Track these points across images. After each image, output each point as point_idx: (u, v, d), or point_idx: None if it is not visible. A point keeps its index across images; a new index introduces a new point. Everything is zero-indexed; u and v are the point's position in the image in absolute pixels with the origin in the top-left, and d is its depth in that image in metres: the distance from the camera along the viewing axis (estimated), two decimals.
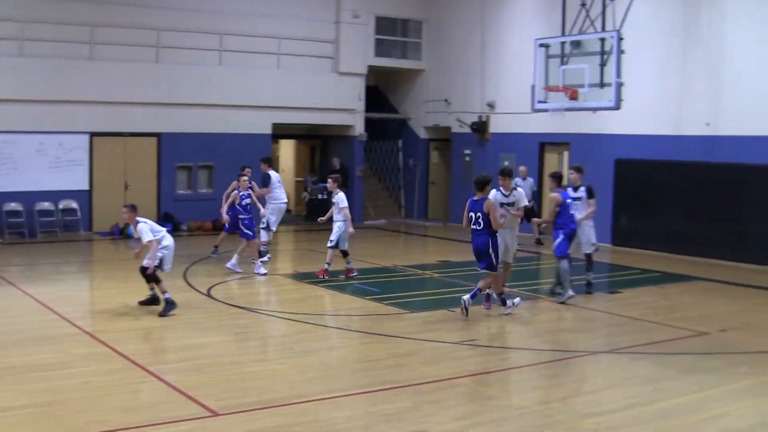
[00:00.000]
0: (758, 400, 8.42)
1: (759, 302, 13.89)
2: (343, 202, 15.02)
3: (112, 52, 21.20)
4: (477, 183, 12.15)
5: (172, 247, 12.16)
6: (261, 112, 23.32)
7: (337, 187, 15.20)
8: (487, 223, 11.81)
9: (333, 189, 15.27)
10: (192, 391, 8.27)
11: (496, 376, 9.27)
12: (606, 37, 15.94)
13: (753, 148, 17.51)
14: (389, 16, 25.83)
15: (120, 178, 21.52)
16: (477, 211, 11.95)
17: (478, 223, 11.95)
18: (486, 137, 24.10)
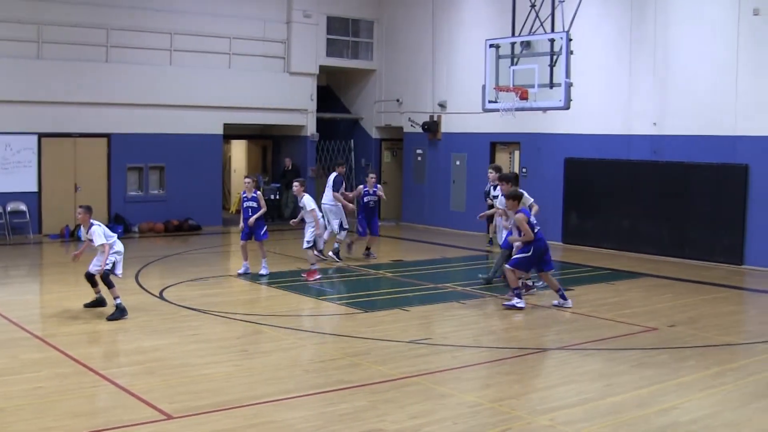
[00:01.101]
0: (706, 393, 8.59)
1: (704, 297, 14.18)
2: (309, 206, 14.98)
3: (61, 51, 20.89)
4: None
5: (123, 252, 12.06)
6: (212, 112, 23.18)
7: (303, 191, 15.16)
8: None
9: (299, 193, 15.21)
10: (145, 394, 8.20)
11: (450, 374, 9.33)
12: (555, 38, 16.11)
13: (697, 148, 17.87)
14: (340, 16, 25.82)
15: (70, 179, 21.22)
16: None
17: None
18: (437, 137, 24.23)
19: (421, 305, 13.28)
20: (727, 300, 14.18)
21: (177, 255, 18.30)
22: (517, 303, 12.64)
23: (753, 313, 13.65)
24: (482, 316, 12.69)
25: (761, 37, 16.74)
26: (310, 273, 15.00)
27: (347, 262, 17.37)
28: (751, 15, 16.81)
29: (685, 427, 7.55)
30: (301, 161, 25.57)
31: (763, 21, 16.65)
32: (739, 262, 17.26)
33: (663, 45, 18.44)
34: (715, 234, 17.65)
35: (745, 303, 14.64)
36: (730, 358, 10.25)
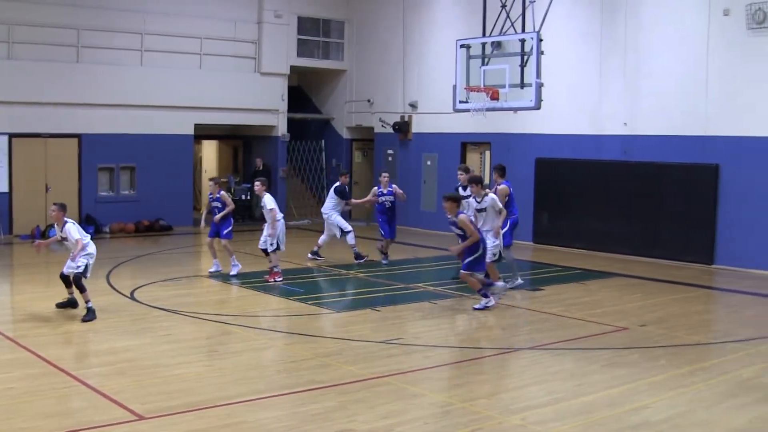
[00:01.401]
0: (676, 392, 8.65)
1: (674, 297, 14.28)
2: (269, 205, 14.90)
3: (31, 52, 20.68)
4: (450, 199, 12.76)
5: (95, 254, 11.95)
6: (183, 112, 23.05)
7: (265, 190, 15.08)
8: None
9: (260, 192, 15.14)
10: (116, 395, 8.13)
11: (421, 374, 9.33)
12: (526, 38, 16.16)
13: (668, 148, 18.02)
14: (311, 16, 25.77)
15: (40, 179, 21.00)
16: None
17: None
18: (408, 137, 24.24)
19: (392, 305, 13.28)
20: (697, 299, 14.31)
21: (148, 255, 18.16)
22: (487, 303, 12.65)
23: (723, 313, 13.77)
24: (454, 316, 12.70)
25: (731, 38, 16.90)
26: (273, 274, 14.90)
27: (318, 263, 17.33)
28: (722, 15, 16.97)
29: (657, 426, 7.60)
30: (272, 161, 25.49)
31: (733, 22, 16.81)
32: (710, 261, 17.41)
33: (634, 45, 18.58)
34: (685, 234, 17.78)
35: (715, 302, 14.78)
36: (701, 357, 10.33)
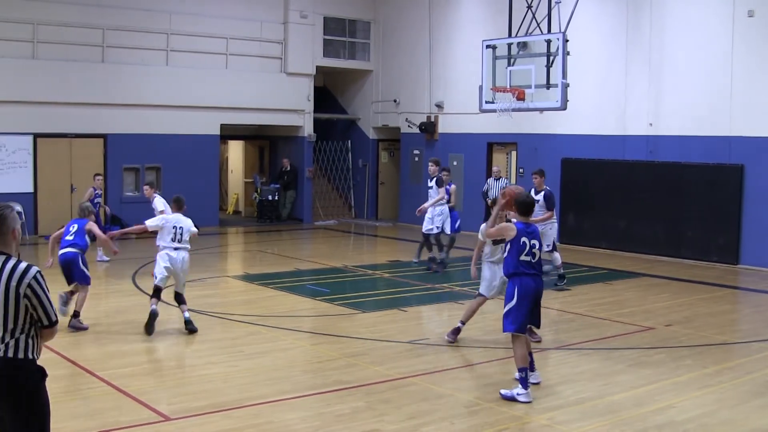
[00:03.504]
0: (702, 392, 8.62)
1: (700, 297, 14.21)
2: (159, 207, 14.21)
3: (56, 51, 20.89)
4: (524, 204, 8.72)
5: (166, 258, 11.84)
6: (209, 112, 23.17)
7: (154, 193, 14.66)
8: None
9: (149, 195, 14.73)
10: (143, 395, 8.21)
11: (447, 374, 9.34)
12: (552, 38, 16.15)
13: (693, 148, 17.92)
14: (337, 16, 25.83)
15: (65, 180, 21.20)
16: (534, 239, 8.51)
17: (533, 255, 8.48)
18: (434, 137, 24.24)
19: (418, 305, 13.30)
20: (722, 299, 14.23)
21: None
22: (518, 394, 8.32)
23: (748, 312, 13.68)
24: (479, 315, 12.68)
25: (756, 38, 16.80)
26: None
27: (345, 263, 17.39)
28: (746, 16, 16.88)
29: (682, 425, 7.58)
30: (298, 162, 25.58)
31: (758, 22, 16.70)
32: (735, 261, 17.30)
33: (658, 46, 18.49)
34: (710, 234, 17.69)
35: (740, 302, 14.69)
36: (727, 356, 10.28)
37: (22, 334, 4.84)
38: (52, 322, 4.91)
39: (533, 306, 8.47)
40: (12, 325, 4.81)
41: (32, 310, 4.84)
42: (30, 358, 4.88)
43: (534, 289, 8.41)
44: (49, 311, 4.87)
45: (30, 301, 4.81)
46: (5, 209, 4.95)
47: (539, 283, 8.48)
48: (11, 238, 4.93)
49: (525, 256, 8.36)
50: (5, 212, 4.93)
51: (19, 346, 4.83)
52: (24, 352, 4.85)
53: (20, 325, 4.83)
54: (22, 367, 4.85)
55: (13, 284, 4.78)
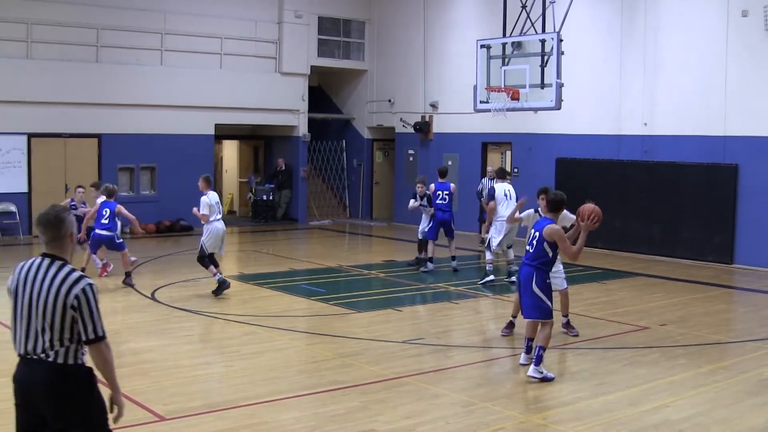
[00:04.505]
0: (697, 391, 8.64)
1: (694, 296, 14.24)
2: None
3: (51, 51, 20.83)
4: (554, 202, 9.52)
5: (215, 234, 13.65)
6: (204, 112, 23.14)
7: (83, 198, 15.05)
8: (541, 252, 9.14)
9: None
10: (138, 396, 8.19)
11: (442, 374, 9.35)
12: (546, 38, 16.16)
13: (687, 148, 17.96)
14: (332, 16, 25.82)
15: (60, 180, 21.15)
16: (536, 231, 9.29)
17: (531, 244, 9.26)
18: (429, 137, 24.25)
19: (413, 305, 13.31)
20: (717, 299, 14.26)
21: (169, 256, 18.28)
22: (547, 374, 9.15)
23: (743, 312, 13.71)
24: (474, 316, 12.71)
25: (750, 39, 16.83)
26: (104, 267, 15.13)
27: (340, 263, 17.38)
28: (740, 16, 16.91)
29: (677, 425, 7.59)
30: (293, 162, 25.56)
31: (752, 23, 16.74)
32: (729, 261, 17.34)
33: (653, 45, 18.52)
34: (705, 233, 17.73)
35: (735, 302, 14.72)
36: (722, 356, 10.30)
37: (71, 343, 4.82)
38: (97, 337, 4.80)
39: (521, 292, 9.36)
40: (59, 334, 4.78)
41: (78, 322, 4.78)
42: (79, 364, 4.86)
43: (519, 277, 9.40)
44: (95, 325, 4.79)
45: (75, 312, 4.77)
46: (63, 212, 4.93)
47: (524, 271, 9.23)
48: (69, 242, 4.92)
49: (527, 245, 9.35)
50: (63, 215, 4.91)
51: (69, 354, 4.81)
52: (74, 358, 4.84)
53: (68, 334, 4.80)
54: (70, 375, 4.83)
55: (62, 293, 4.75)
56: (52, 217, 4.87)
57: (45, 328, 4.77)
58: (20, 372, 4.90)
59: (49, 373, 4.77)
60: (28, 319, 4.82)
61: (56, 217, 4.87)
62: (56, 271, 4.80)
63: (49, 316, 4.75)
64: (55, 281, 4.76)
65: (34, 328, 4.80)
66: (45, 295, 4.76)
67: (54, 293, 4.74)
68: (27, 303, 4.83)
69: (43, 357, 4.79)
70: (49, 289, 4.76)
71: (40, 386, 4.78)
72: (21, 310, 4.86)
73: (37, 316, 4.78)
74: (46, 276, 4.79)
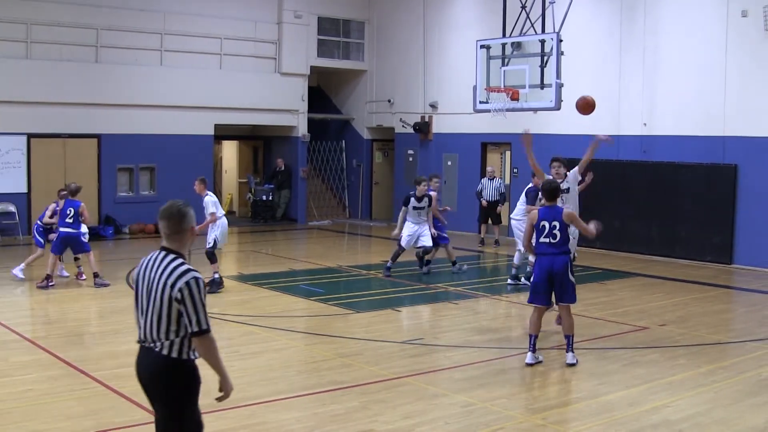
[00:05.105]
0: (696, 391, 8.63)
1: (693, 296, 14.24)
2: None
3: (50, 51, 20.85)
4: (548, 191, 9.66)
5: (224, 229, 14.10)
6: (203, 112, 23.15)
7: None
8: (566, 238, 9.54)
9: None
10: (137, 396, 8.13)
11: (442, 374, 9.35)
12: (546, 38, 16.17)
13: (687, 148, 17.96)
14: (331, 16, 25.83)
15: (59, 180, 21.03)
16: (553, 220, 9.48)
17: (553, 235, 9.47)
18: (429, 137, 24.25)
19: (412, 305, 13.31)
20: (716, 299, 14.26)
21: None
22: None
23: (742, 312, 13.70)
24: (473, 316, 12.71)
25: (749, 39, 16.83)
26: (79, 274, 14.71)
27: (339, 263, 17.37)
28: (739, 16, 16.91)
29: (677, 425, 7.59)
30: (292, 162, 25.57)
31: (751, 23, 16.74)
32: (729, 261, 17.34)
33: (652, 46, 18.52)
34: (704, 233, 17.73)
35: (734, 302, 14.72)
36: (721, 356, 10.29)
37: (178, 336, 4.99)
38: (201, 330, 4.95)
39: (549, 283, 9.44)
40: (166, 326, 4.97)
41: (183, 315, 4.95)
42: (185, 358, 5.04)
43: (545, 268, 9.40)
44: (199, 317, 4.93)
45: (180, 304, 4.93)
46: (185, 206, 5.14)
47: (555, 261, 9.37)
48: (188, 237, 5.14)
49: (544, 238, 9.41)
50: (185, 209, 5.12)
51: (174, 347, 5.00)
52: (179, 352, 5.01)
53: (174, 326, 4.98)
54: (177, 367, 5.03)
55: (169, 286, 4.93)
56: (174, 210, 5.09)
57: (156, 319, 4.98)
58: (138, 356, 5.18)
59: (155, 362, 5.02)
60: (145, 309, 5.06)
61: (179, 211, 5.08)
62: (167, 264, 5.00)
63: (158, 308, 4.97)
64: (164, 274, 4.97)
65: (148, 318, 5.03)
66: (155, 288, 4.98)
67: (162, 285, 4.95)
68: (144, 294, 5.07)
69: (152, 346, 5.03)
70: (158, 281, 4.97)
71: (146, 372, 5.09)
72: (140, 300, 5.11)
73: (151, 308, 5.01)
74: (158, 269, 5.01)
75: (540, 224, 9.47)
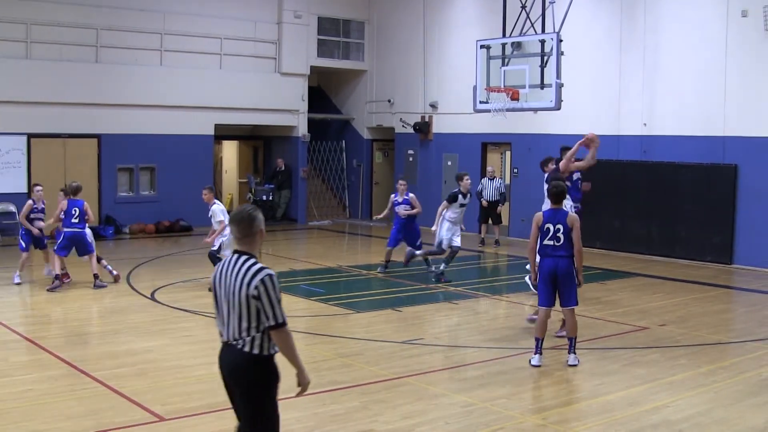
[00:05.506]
0: (696, 391, 8.63)
1: (693, 296, 14.24)
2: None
3: (50, 51, 20.84)
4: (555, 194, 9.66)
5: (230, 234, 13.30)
6: (203, 112, 23.14)
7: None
8: (570, 241, 9.51)
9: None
10: (137, 396, 8.19)
11: (442, 374, 9.35)
12: (546, 39, 16.17)
13: (687, 148, 17.96)
14: (331, 16, 25.82)
15: (59, 180, 21.04)
16: (557, 223, 9.52)
17: (557, 238, 9.55)
18: (429, 137, 24.24)
19: (412, 305, 13.30)
20: (717, 299, 14.26)
21: (168, 256, 18.27)
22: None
23: (742, 312, 13.70)
24: (473, 316, 12.71)
25: (749, 39, 16.83)
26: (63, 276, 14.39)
27: (339, 263, 17.36)
28: (740, 16, 16.91)
29: (677, 425, 7.59)
30: (292, 162, 25.57)
31: (751, 23, 16.73)
32: (729, 261, 17.34)
33: (652, 46, 18.51)
34: (704, 234, 17.72)
35: (734, 302, 14.72)
36: (721, 356, 10.29)
37: (259, 332, 5.22)
38: (278, 323, 5.18)
39: (552, 284, 9.50)
40: (247, 323, 5.22)
41: (261, 311, 5.18)
42: (265, 354, 5.26)
43: (548, 270, 9.47)
44: (275, 312, 5.17)
45: (257, 301, 5.17)
46: (254, 210, 5.42)
47: (559, 264, 9.42)
48: (258, 239, 5.40)
49: (548, 241, 9.49)
50: (254, 213, 5.40)
51: (255, 343, 5.23)
52: (260, 348, 5.24)
53: (255, 323, 5.21)
54: (259, 363, 5.26)
55: (245, 285, 5.19)
56: (245, 215, 5.36)
57: (237, 318, 5.24)
58: (220, 355, 5.45)
59: (239, 359, 5.26)
60: (226, 310, 5.31)
61: (249, 215, 5.36)
62: (242, 265, 5.26)
63: (238, 307, 5.22)
64: (240, 274, 5.23)
65: (231, 318, 5.28)
66: (233, 288, 5.24)
67: (239, 285, 5.21)
68: (223, 296, 5.33)
69: (235, 344, 5.28)
70: (235, 281, 5.23)
71: (229, 369, 5.35)
72: (221, 302, 5.37)
73: (232, 308, 5.26)
74: (234, 270, 5.28)
75: (545, 227, 9.54)
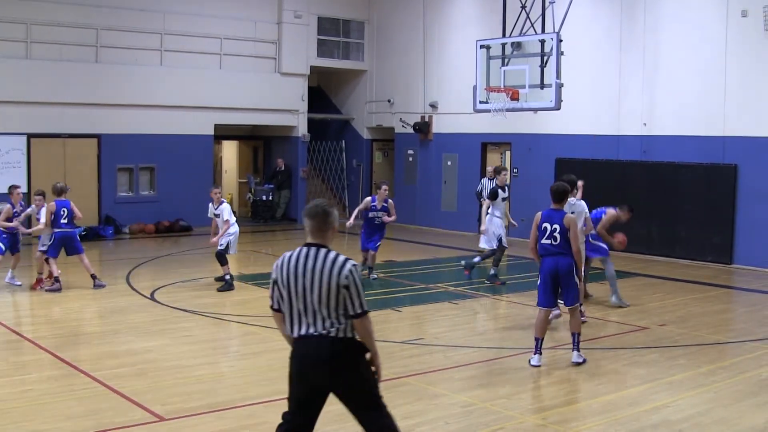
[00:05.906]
0: (696, 391, 8.63)
1: (693, 296, 14.24)
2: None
3: (50, 51, 20.83)
4: (555, 193, 9.74)
5: (237, 233, 14.41)
6: (203, 112, 23.14)
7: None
8: (567, 241, 9.48)
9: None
10: (137, 396, 8.19)
11: (442, 374, 9.34)
12: (546, 38, 16.16)
13: (687, 148, 17.96)
14: (331, 16, 25.81)
15: (59, 180, 21.04)
16: (554, 223, 9.55)
17: (554, 238, 9.55)
18: (429, 137, 24.24)
19: (412, 305, 13.30)
20: (716, 299, 14.26)
21: (168, 256, 18.27)
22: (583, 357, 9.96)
23: (742, 312, 13.70)
24: (474, 316, 12.71)
25: (749, 39, 16.83)
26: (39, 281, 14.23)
27: None
28: (740, 16, 16.91)
29: (677, 425, 7.59)
30: (292, 162, 25.57)
31: (751, 23, 16.74)
32: (728, 261, 17.34)
33: (652, 46, 18.51)
34: (704, 233, 17.73)
35: (734, 302, 14.72)
36: (721, 356, 10.30)
37: (345, 319, 5.42)
38: (363, 311, 5.41)
39: (553, 284, 9.53)
40: (335, 312, 5.39)
41: (347, 299, 5.38)
42: (350, 336, 5.47)
43: (548, 269, 9.48)
44: (361, 301, 5.41)
45: (346, 290, 5.37)
46: (329, 206, 5.60)
47: (559, 263, 9.43)
48: (331, 233, 5.56)
49: (546, 240, 9.51)
50: (329, 209, 5.58)
51: (347, 329, 5.44)
52: (351, 333, 5.48)
53: (341, 310, 5.40)
54: (351, 346, 5.49)
55: (335, 275, 5.35)
56: (320, 210, 5.53)
57: (326, 307, 5.39)
58: (299, 350, 5.51)
59: (333, 346, 5.40)
60: (307, 302, 5.42)
61: (324, 210, 5.53)
62: (325, 257, 5.42)
63: (325, 297, 5.37)
64: (326, 265, 5.39)
65: (311, 309, 5.42)
66: (319, 279, 5.37)
67: (327, 276, 5.36)
68: (302, 288, 5.42)
69: (324, 333, 5.40)
70: (322, 272, 5.37)
71: (322, 359, 5.41)
72: (296, 295, 5.46)
73: (315, 299, 5.39)
74: (316, 262, 5.42)
75: (542, 226, 9.58)
